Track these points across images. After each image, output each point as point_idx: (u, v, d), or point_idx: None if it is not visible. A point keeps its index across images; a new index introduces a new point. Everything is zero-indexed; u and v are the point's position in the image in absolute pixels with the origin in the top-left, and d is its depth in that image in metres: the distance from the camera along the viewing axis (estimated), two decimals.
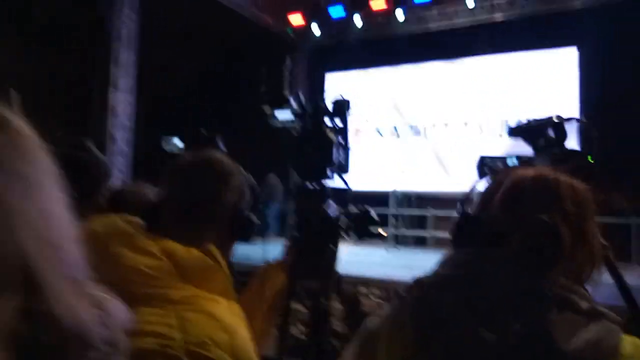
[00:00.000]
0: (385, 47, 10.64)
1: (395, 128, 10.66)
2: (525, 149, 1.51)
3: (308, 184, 1.61)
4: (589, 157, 1.28)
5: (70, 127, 10.42)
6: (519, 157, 1.46)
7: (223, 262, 0.97)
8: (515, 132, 1.49)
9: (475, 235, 0.86)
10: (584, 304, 0.73)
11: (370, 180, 10.04)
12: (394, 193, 9.36)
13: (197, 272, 0.92)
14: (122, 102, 8.81)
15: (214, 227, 1.04)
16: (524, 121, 1.52)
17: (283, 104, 1.67)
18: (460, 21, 9.96)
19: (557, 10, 9.02)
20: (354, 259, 6.72)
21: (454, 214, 0.95)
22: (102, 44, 8.91)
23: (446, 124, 10.11)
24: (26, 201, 0.41)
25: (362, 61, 10.84)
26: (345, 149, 1.77)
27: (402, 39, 10.40)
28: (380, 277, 5.22)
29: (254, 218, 1.12)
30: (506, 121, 9.46)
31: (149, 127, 10.98)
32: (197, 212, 1.03)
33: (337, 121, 1.76)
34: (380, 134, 10.80)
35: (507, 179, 0.89)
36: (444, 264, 0.86)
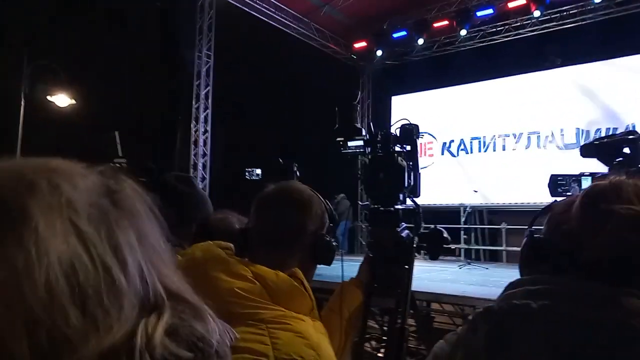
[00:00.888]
0: (449, 65, 10.59)
1: (463, 143, 10.48)
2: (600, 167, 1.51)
3: (381, 208, 1.70)
4: None
5: (158, 156, 11.35)
6: (593, 175, 1.45)
7: (307, 285, 1.06)
8: (588, 150, 1.49)
9: (547, 256, 0.85)
10: None
11: (441, 196, 9.91)
12: (465, 207, 9.17)
13: (286, 293, 1.00)
14: (201, 133, 9.45)
15: (298, 252, 1.14)
16: (597, 139, 1.51)
17: (356, 135, 1.79)
18: (527, 34, 9.68)
19: (634, 13, 8.49)
20: (426, 275, 6.66)
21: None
22: (184, 81, 9.68)
23: (515, 136, 9.80)
24: (155, 242, 0.47)
25: (427, 82, 10.85)
26: (416, 172, 1.84)
27: (466, 55, 10.31)
28: (452, 293, 5.14)
29: (334, 243, 1.20)
30: (580, 130, 9.02)
31: (228, 156, 11.64)
32: (282, 240, 1.13)
33: (406, 146, 1.84)
34: (450, 152, 10.66)
35: (583, 191, 0.86)
36: (517, 291, 0.83)
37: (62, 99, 9.80)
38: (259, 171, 2.41)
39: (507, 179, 9.69)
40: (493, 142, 10.11)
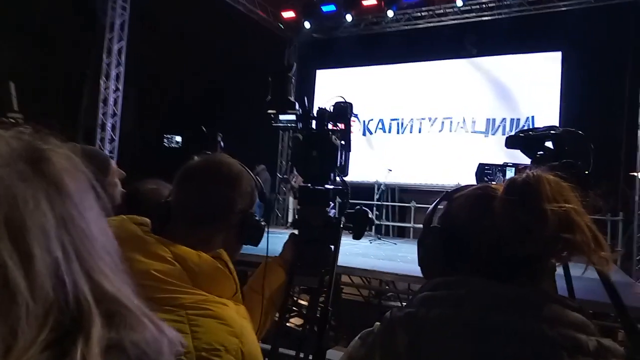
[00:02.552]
0: (374, 45, 10.77)
1: (382, 123, 10.80)
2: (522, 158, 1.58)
3: (312, 186, 1.65)
4: (586, 171, 1.34)
5: (64, 115, 10.34)
6: (515, 165, 1.52)
7: (232, 267, 0.99)
8: (513, 142, 1.55)
9: (467, 252, 0.84)
10: (591, 344, 0.72)
11: (357, 172, 10.17)
12: (379, 185, 9.56)
13: (208, 277, 0.93)
14: (112, 91, 8.75)
15: (223, 231, 1.07)
16: (522, 131, 1.58)
17: (289, 109, 1.71)
18: (449, 21, 10.10)
19: (542, 12, 9.17)
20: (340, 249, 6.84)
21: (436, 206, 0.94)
22: (96, 34, 8.82)
23: (431, 120, 10.29)
24: (86, 225, 0.40)
25: (352, 58, 10.96)
26: (347, 151, 1.82)
27: (392, 37, 10.54)
28: (362, 267, 5.34)
29: (262, 223, 1.14)
30: (491, 120, 9.72)
31: (142, 119, 10.91)
32: (207, 217, 1.05)
33: (339, 124, 1.80)
34: (369, 130, 10.96)
35: (505, 183, 0.86)
36: (437, 294, 0.82)
37: None
38: (178, 138, 2.25)
39: (420, 160, 10.19)
40: (411, 125, 10.54)
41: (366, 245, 7.87)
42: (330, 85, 11.42)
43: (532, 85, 9.42)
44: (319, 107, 1.74)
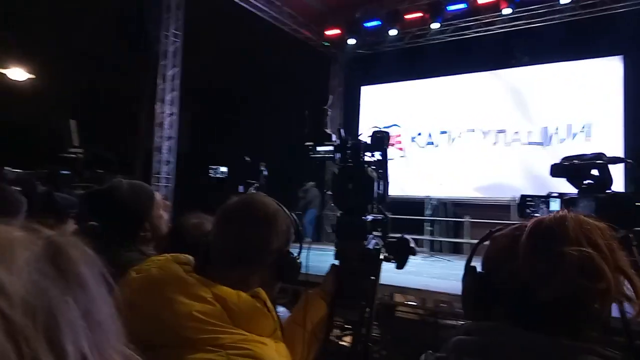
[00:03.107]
0: (420, 57, 10.65)
1: (430, 136, 10.61)
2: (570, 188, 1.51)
3: (349, 218, 1.66)
4: (637, 202, 1.27)
5: (121, 138, 10.96)
6: (562, 196, 1.46)
7: (270, 305, 1.01)
8: (557, 170, 1.49)
9: (497, 298, 0.83)
10: None
11: (407, 187, 10.07)
12: (430, 200, 9.35)
13: (247, 316, 0.96)
14: (167, 115, 9.17)
15: (261, 270, 1.09)
16: (566, 158, 1.51)
17: (325, 141, 1.74)
18: (497, 30, 9.83)
19: (598, 16, 8.74)
20: (390, 266, 6.74)
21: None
22: (150, 60, 9.33)
23: (484, 132, 10.01)
24: (103, 317, 0.42)
25: (397, 73, 10.88)
26: (385, 181, 1.81)
27: (437, 49, 10.39)
28: (415, 285, 5.26)
29: (299, 261, 1.16)
30: (545, 129, 9.30)
31: (195, 140, 11.35)
32: (244, 257, 1.08)
33: (377, 154, 1.80)
34: (417, 144, 10.79)
35: (528, 225, 0.85)
36: (467, 339, 0.82)
37: (18, 73, 9.29)
38: (223, 169, 2.34)
39: (473, 173, 9.88)
40: (460, 137, 10.27)
41: (419, 263, 7.71)
42: (376, 101, 11.39)
43: (590, 92, 8.94)
44: (352, 141, 1.74)
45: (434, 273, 6.56)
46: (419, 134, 10.75)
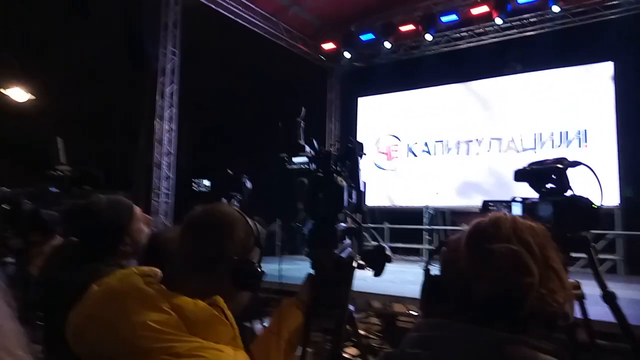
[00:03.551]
0: (415, 68, 10.77)
1: (426, 145, 10.68)
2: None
3: (320, 227, 1.70)
4: (594, 205, 1.30)
5: (120, 155, 11.06)
6: (524, 200, 1.49)
7: (229, 313, 1.01)
8: (520, 175, 1.52)
9: (446, 296, 0.89)
10: None
11: (404, 197, 10.08)
12: (427, 209, 9.36)
13: (204, 324, 0.96)
14: (166, 131, 9.26)
15: (219, 279, 1.09)
16: (530, 164, 1.55)
17: (299, 152, 1.78)
18: (490, 40, 9.93)
19: (589, 23, 8.83)
20: (388, 276, 6.72)
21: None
22: (148, 78, 9.46)
23: (479, 141, 10.07)
24: None
25: (393, 84, 11.00)
26: (358, 190, 1.84)
27: (432, 60, 10.51)
28: (414, 295, 5.23)
29: (258, 269, 1.14)
30: (537, 134, 9.35)
31: (194, 155, 11.44)
32: (200, 265, 1.09)
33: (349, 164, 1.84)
34: (414, 153, 10.85)
35: (468, 227, 0.92)
36: (415, 335, 0.88)
37: (18, 93, 9.42)
38: (207, 182, 2.38)
39: (470, 181, 9.92)
40: (456, 146, 10.33)
41: (417, 272, 7.66)
42: (373, 112, 11.49)
43: (582, 97, 9.02)
44: (323, 150, 1.79)
45: None
46: (416, 144, 10.83)
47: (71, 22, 10.40)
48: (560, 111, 9.18)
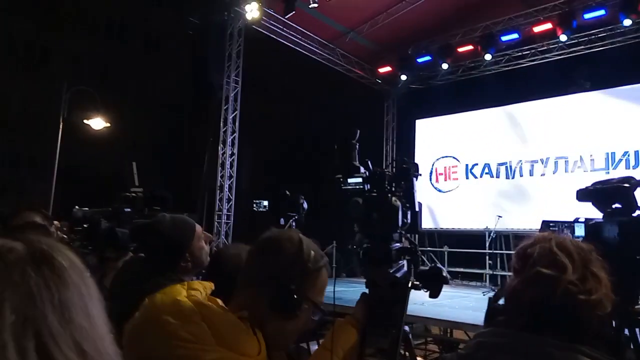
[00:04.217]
0: (473, 89, 10.56)
1: (488, 167, 10.32)
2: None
3: (374, 247, 1.71)
4: None
5: (187, 178, 11.64)
6: (587, 221, 1.43)
7: (259, 330, 1.06)
8: (583, 195, 1.47)
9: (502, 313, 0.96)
10: None
11: (466, 220, 9.76)
12: (489, 233, 8.99)
13: (230, 335, 1.01)
14: (228, 155, 9.66)
15: (258, 299, 1.11)
16: (595, 183, 1.49)
17: (354, 173, 1.82)
18: (554, 57, 9.56)
19: None
20: (448, 302, 6.53)
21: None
22: (214, 106, 9.98)
23: (543, 161, 9.62)
24: (73, 323, 0.47)
25: (451, 105, 10.84)
26: (413, 210, 1.85)
27: (491, 79, 10.27)
28: (472, 321, 5.04)
29: (294, 296, 1.11)
30: (610, 154, 8.78)
31: (254, 178, 11.81)
32: (247, 284, 1.15)
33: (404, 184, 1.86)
34: (474, 175, 10.53)
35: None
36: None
37: (97, 122, 10.26)
38: (266, 203, 2.48)
39: (534, 204, 9.47)
40: (519, 167, 9.93)
41: (478, 298, 7.41)
42: (431, 134, 11.34)
43: None
44: (377, 170, 1.82)
45: None
46: (475, 165, 10.51)
47: (145, 57, 11.24)
48: (633, 129, 8.59)
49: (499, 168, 10.20)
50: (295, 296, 1.11)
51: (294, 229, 1.67)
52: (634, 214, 1.30)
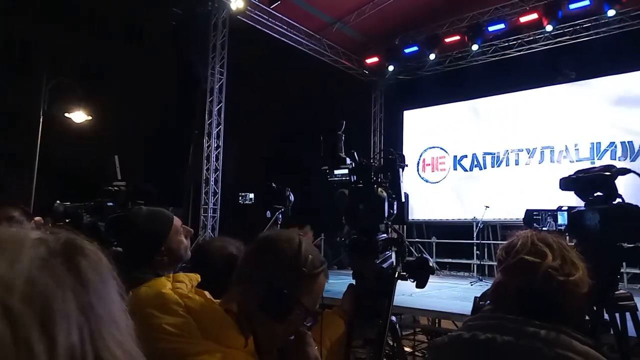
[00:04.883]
0: (461, 80, 10.60)
1: (475, 158, 10.39)
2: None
3: (361, 238, 1.71)
4: None
5: (171, 170, 11.54)
6: (570, 209, 1.43)
7: (244, 321, 1.05)
8: (566, 184, 1.47)
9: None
10: None
11: (453, 210, 9.83)
12: (477, 223, 9.07)
13: (216, 328, 1.00)
14: (214, 148, 9.57)
15: (251, 298, 1.08)
16: (577, 171, 1.49)
17: (340, 164, 1.81)
18: (540, 48, 9.62)
19: None
20: (436, 292, 6.59)
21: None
22: (198, 98, 9.88)
23: (529, 151, 9.73)
24: (104, 312, 0.47)
25: (439, 96, 10.87)
26: (399, 201, 1.84)
27: (478, 70, 10.30)
28: (460, 311, 5.09)
29: (287, 300, 1.08)
30: (595, 144, 8.90)
31: (241, 170, 11.74)
32: (239, 280, 1.13)
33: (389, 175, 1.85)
34: (462, 166, 10.61)
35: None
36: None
37: (78, 116, 10.08)
38: (251, 196, 2.45)
39: (521, 194, 9.56)
40: (506, 157, 10.01)
41: (466, 288, 7.49)
42: (418, 125, 11.36)
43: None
44: (363, 161, 1.80)
45: None
46: (464, 156, 10.57)
47: (127, 49, 11.06)
48: (619, 119, 8.70)
49: (485, 157, 10.28)
50: (287, 301, 1.08)
51: (295, 229, 1.65)
52: (614, 202, 1.31)
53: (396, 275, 1.75)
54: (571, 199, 1.68)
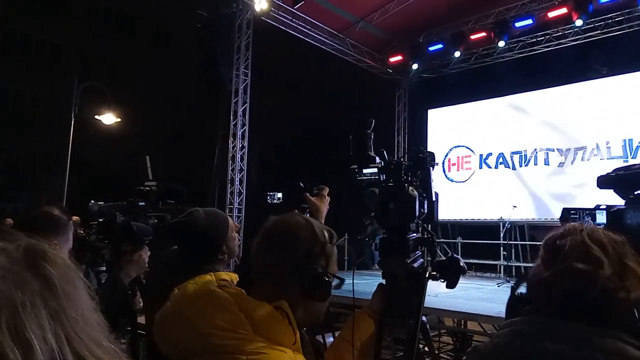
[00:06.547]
0: (487, 77, 10.41)
1: (502, 157, 10.19)
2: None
3: (391, 237, 1.70)
4: None
5: (197, 171, 11.70)
6: (609, 208, 1.39)
7: (293, 319, 1.06)
8: (604, 182, 1.43)
9: (528, 302, 0.93)
10: None
11: (480, 210, 9.68)
12: (504, 223, 8.89)
13: (268, 325, 1.02)
14: (239, 149, 9.67)
15: (288, 286, 1.10)
16: (615, 169, 1.45)
17: (369, 163, 1.80)
18: (569, 43, 9.37)
19: None
20: (462, 293, 6.50)
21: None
22: (223, 99, 9.98)
23: (560, 150, 9.48)
24: (76, 313, 0.47)
25: (464, 94, 10.70)
26: (430, 200, 1.83)
27: (505, 67, 10.11)
28: (487, 313, 5.01)
29: (326, 278, 1.12)
30: (627, 140, 8.62)
31: (264, 171, 11.84)
32: (267, 274, 1.14)
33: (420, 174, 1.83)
34: (487, 165, 10.42)
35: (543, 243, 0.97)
36: (503, 332, 0.92)
37: (108, 118, 10.34)
38: (279, 195, 2.46)
39: (550, 193, 9.35)
40: (534, 156, 9.79)
41: (493, 289, 7.37)
42: (444, 123, 11.23)
43: None
44: (393, 160, 1.79)
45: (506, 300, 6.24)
46: (489, 154, 10.39)
47: (154, 51, 11.27)
48: None
49: (513, 157, 10.07)
50: (323, 277, 1.11)
51: (296, 212, 1.66)
52: None
53: (427, 275, 1.73)
54: (603, 198, 1.63)
